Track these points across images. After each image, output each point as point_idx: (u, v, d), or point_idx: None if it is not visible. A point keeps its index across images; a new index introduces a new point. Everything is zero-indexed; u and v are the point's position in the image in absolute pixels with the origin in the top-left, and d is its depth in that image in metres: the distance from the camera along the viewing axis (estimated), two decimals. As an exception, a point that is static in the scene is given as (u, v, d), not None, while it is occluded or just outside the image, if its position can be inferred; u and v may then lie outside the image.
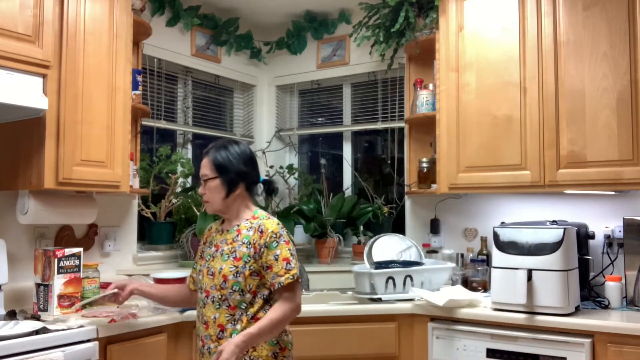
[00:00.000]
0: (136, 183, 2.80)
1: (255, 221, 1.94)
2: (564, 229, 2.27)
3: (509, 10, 2.67)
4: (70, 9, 2.27)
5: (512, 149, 2.63)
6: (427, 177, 3.06)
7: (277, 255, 1.85)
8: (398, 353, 2.53)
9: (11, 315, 2.16)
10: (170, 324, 2.33)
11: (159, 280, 2.71)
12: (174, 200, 3.24)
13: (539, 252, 2.28)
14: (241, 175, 1.95)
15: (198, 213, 3.13)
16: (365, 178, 3.64)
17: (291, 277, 1.84)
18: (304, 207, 3.43)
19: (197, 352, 1.99)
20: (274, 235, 1.87)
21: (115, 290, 2.05)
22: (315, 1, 3.47)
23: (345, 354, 2.48)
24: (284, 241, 1.88)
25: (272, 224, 1.90)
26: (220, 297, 1.87)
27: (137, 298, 2.34)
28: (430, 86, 3.06)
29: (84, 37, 2.32)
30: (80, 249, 2.39)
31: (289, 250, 1.88)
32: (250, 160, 2.00)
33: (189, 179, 3.35)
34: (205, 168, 1.97)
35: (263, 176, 2.16)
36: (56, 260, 2.28)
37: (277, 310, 1.84)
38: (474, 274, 2.83)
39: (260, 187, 2.09)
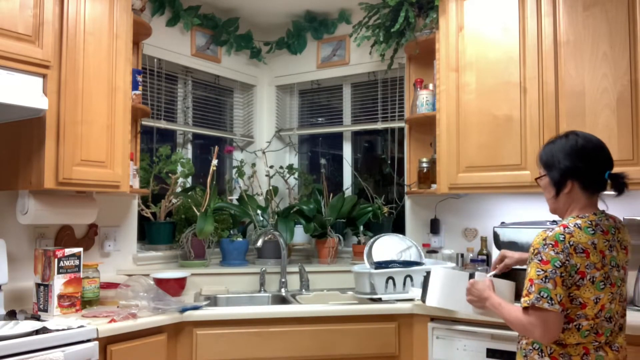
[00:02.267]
0: (136, 183, 2.80)
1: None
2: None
3: (509, 10, 2.67)
4: (70, 9, 2.27)
5: (512, 149, 2.63)
6: (427, 177, 3.06)
7: (527, 274, 1.65)
8: (398, 353, 2.53)
9: (11, 315, 2.16)
10: (170, 324, 2.34)
11: (159, 281, 2.72)
12: (174, 200, 3.24)
13: (539, 252, 2.27)
14: (568, 171, 1.72)
15: (198, 213, 3.14)
16: (365, 178, 3.64)
17: (527, 302, 1.60)
18: (304, 207, 3.43)
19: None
20: (534, 251, 1.65)
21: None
22: (315, 1, 3.47)
23: (345, 354, 2.49)
24: (539, 260, 1.62)
25: (539, 237, 1.66)
26: None
27: (137, 298, 2.34)
28: (430, 86, 3.06)
29: (84, 37, 2.32)
30: (80, 249, 2.39)
31: (540, 270, 1.60)
32: (580, 153, 1.71)
33: (189, 179, 3.35)
34: (537, 165, 1.84)
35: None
36: (56, 260, 2.28)
37: (518, 313, 1.67)
38: (474, 274, 2.83)
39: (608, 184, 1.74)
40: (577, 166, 1.71)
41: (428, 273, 2.23)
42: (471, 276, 2.04)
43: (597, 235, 1.65)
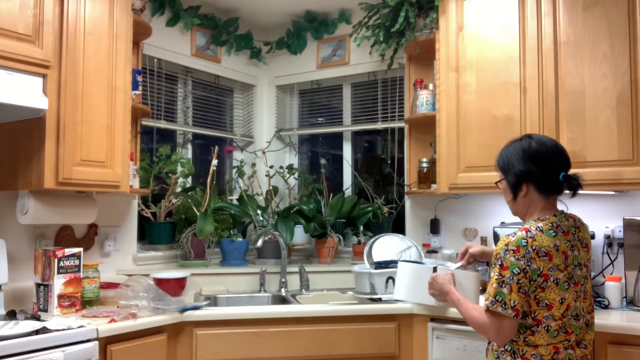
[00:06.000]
0: (136, 183, 2.80)
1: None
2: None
3: (509, 10, 2.67)
4: (70, 9, 2.27)
5: (512, 149, 2.62)
6: (427, 177, 3.06)
7: (490, 278, 1.69)
8: (398, 353, 2.53)
9: (11, 315, 2.16)
10: (170, 324, 2.34)
11: (159, 281, 2.72)
12: (173, 200, 3.24)
13: (539, 252, 2.27)
14: (522, 174, 1.76)
15: (198, 213, 3.14)
16: (365, 178, 3.64)
17: (486, 305, 1.66)
18: (304, 207, 3.43)
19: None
20: (496, 256, 1.68)
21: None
22: (315, 1, 3.47)
23: (345, 354, 2.49)
24: (499, 265, 1.65)
25: (502, 242, 1.69)
26: None
27: (137, 298, 2.35)
28: (430, 86, 3.06)
29: (84, 37, 2.32)
30: (80, 249, 2.39)
31: (499, 275, 1.65)
32: (533, 157, 1.74)
33: (189, 179, 3.35)
34: (495, 169, 1.88)
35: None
36: (56, 260, 2.28)
37: (475, 313, 1.73)
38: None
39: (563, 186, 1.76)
40: (531, 170, 1.75)
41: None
42: (435, 270, 2.09)
43: (559, 236, 1.69)
